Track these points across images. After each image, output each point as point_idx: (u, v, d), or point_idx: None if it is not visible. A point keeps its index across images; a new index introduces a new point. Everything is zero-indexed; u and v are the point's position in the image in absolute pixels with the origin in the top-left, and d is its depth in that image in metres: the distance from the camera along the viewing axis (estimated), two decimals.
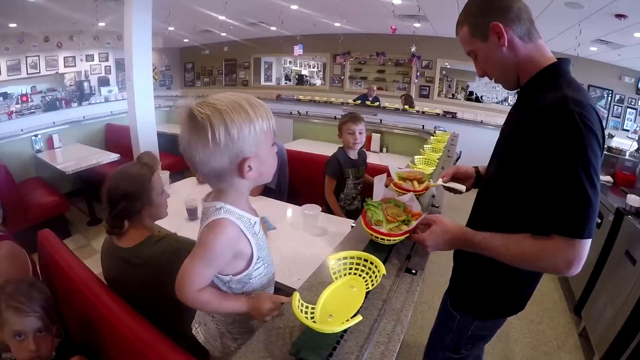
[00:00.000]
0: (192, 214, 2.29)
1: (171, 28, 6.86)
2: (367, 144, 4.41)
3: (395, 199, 1.43)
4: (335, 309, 0.92)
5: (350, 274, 1.06)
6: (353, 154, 2.69)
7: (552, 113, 0.95)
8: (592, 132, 0.91)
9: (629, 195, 2.56)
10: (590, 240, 0.93)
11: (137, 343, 1.12)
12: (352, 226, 1.61)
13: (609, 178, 3.32)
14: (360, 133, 2.62)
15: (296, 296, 0.87)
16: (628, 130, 6.93)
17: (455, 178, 1.53)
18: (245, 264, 1.03)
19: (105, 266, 1.57)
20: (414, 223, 1.25)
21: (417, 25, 6.31)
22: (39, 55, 6.20)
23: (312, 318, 0.87)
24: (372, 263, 1.04)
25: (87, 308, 1.35)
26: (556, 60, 1.11)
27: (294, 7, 5.87)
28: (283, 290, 1.61)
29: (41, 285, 1.36)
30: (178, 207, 2.42)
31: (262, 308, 1.00)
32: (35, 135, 4.78)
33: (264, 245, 1.08)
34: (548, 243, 0.95)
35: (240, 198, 1.01)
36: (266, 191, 2.76)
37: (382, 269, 0.99)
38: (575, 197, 0.91)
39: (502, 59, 1.11)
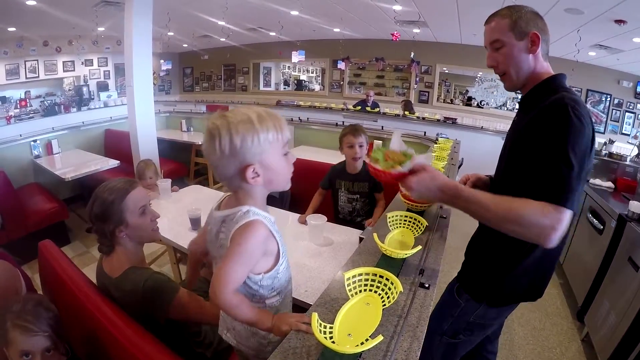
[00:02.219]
0: (195, 224, 2.25)
1: (170, 33, 6.85)
2: (369, 151, 4.36)
3: (407, 151, 1.29)
4: (352, 327, 0.91)
5: (365, 290, 1.05)
6: (352, 168, 2.61)
7: (550, 107, 1.10)
8: (583, 123, 1.04)
9: (631, 202, 2.56)
10: (571, 214, 1.00)
11: (139, 355, 1.11)
12: (361, 238, 1.60)
13: (610, 184, 3.33)
14: (360, 146, 2.54)
15: (315, 317, 0.86)
16: (628, 135, 6.94)
17: (475, 186, 1.58)
18: (274, 260, 1.09)
19: (98, 285, 1.53)
20: (407, 164, 1.19)
21: (416, 31, 6.34)
22: (37, 60, 6.19)
23: (330, 337, 0.86)
24: (387, 279, 1.04)
25: (88, 321, 1.33)
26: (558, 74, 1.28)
27: (294, 12, 5.86)
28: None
29: (48, 303, 1.33)
30: (180, 216, 2.41)
31: (282, 328, 1.03)
32: (34, 141, 4.75)
33: (283, 241, 1.13)
34: (537, 203, 1.01)
35: (257, 201, 1.07)
36: (269, 199, 2.75)
37: (399, 286, 0.99)
38: (563, 170, 1.02)
39: (524, 61, 1.27)
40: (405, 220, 1.56)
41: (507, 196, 1.07)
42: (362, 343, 0.84)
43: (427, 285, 1.16)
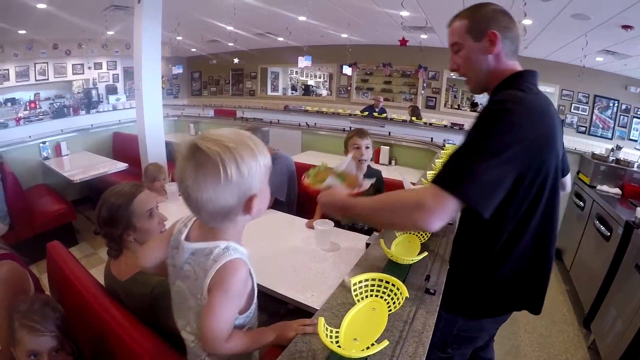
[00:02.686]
0: None
1: (179, 38, 6.90)
2: (376, 157, 4.39)
3: (339, 170, 1.52)
4: (359, 332, 0.92)
5: (371, 295, 1.06)
6: (358, 172, 2.50)
7: (486, 106, 1.07)
8: (510, 118, 0.99)
9: (638, 209, 2.55)
10: (458, 202, 0.95)
11: (145, 357, 1.12)
12: (368, 243, 1.61)
13: (617, 190, 3.31)
14: (367, 148, 2.56)
15: (321, 321, 0.87)
16: (635, 141, 6.89)
17: None
18: (249, 299, 1.02)
19: (106, 287, 1.54)
20: (326, 182, 1.38)
21: (423, 36, 6.34)
22: (47, 62, 6.25)
23: (336, 342, 0.87)
24: (393, 285, 1.05)
25: (95, 321, 1.34)
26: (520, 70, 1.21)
27: (302, 18, 5.89)
28: (285, 303, 1.61)
29: (55, 304, 1.34)
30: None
31: (288, 336, 1.00)
32: (43, 142, 4.81)
33: None
34: (420, 188, 1.04)
35: (238, 235, 1.00)
36: (276, 204, 2.77)
37: (405, 292, 1.00)
38: (463, 158, 0.99)
39: (482, 62, 1.22)
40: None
41: (384, 194, 1.12)
42: (367, 348, 0.85)
43: (432, 292, 1.17)
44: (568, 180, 1.52)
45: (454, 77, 8.53)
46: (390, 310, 1.01)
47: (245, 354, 1.10)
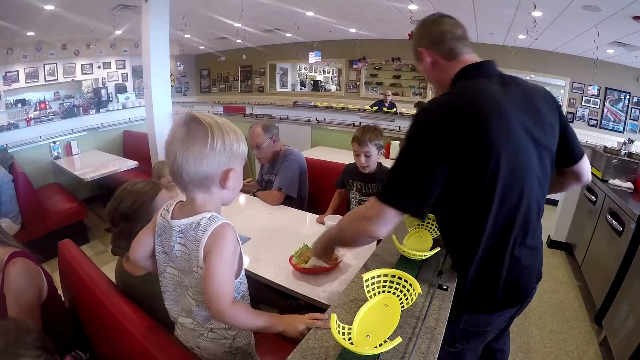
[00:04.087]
0: None
1: (187, 35, 6.91)
2: (387, 152, 4.35)
3: None
4: (371, 329, 0.92)
5: (383, 291, 1.06)
6: (366, 168, 2.49)
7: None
8: (424, 129, 1.07)
9: None
10: (395, 211, 1.08)
11: (158, 354, 1.11)
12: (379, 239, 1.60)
13: (629, 185, 3.26)
14: (367, 156, 2.41)
15: (334, 318, 0.87)
16: None
17: None
18: (240, 262, 1.11)
19: (118, 284, 1.56)
20: (309, 262, 1.71)
21: None
22: (56, 63, 6.29)
23: (349, 339, 0.87)
24: (406, 281, 1.04)
25: (107, 318, 1.35)
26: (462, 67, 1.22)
27: (310, 13, 5.88)
28: (296, 298, 1.61)
29: (25, 324, 1.29)
30: None
31: (298, 328, 1.06)
32: (54, 142, 4.87)
33: None
34: (367, 202, 1.16)
35: (218, 209, 1.07)
36: (287, 200, 2.77)
37: (418, 288, 0.99)
38: (393, 172, 1.10)
39: (431, 74, 1.31)
40: (424, 222, 1.56)
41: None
42: (380, 345, 0.84)
43: (445, 287, 1.16)
44: (584, 167, 1.39)
45: None
46: (403, 306, 1.00)
47: (244, 336, 1.20)
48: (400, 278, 1.05)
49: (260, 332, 1.32)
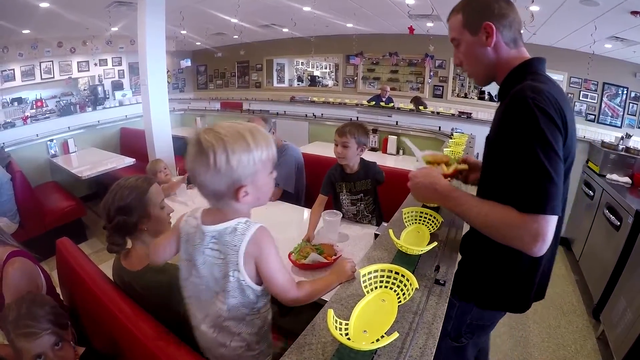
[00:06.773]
0: None
1: (183, 31, 6.88)
2: (384, 147, 4.37)
3: (316, 245, 1.89)
4: (368, 324, 0.92)
5: (380, 287, 1.05)
6: (349, 167, 2.40)
7: (511, 101, 1.02)
8: (546, 114, 0.96)
9: None
10: (555, 217, 0.96)
11: (157, 351, 1.11)
12: (376, 234, 1.60)
13: (627, 179, 3.27)
14: (344, 147, 2.30)
15: (330, 313, 0.86)
16: None
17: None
18: None
19: (115, 281, 1.54)
20: (309, 258, 1.72)
21: (430, 24, 6.28)
22: (52, 61, 6.28)
23: (346, 334, 0.87)
24: (403, 276, 1.04)
25: (106, 316, 1.35)
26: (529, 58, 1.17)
27: (307, 8, 5.86)
28: None
29: (41, 298, 1.34)
30: None
31: (347, 270, 1.22)
32: (51, 140, 4.85)
33: None
34: (516, 215, 0.97)
35: (247, 214, 1.09)
36: (284, 196, 2.77)
37: (415, 283, 0.99)
38: (536, 174, 0.95)
39: (482, 55, 1.19)
40: (421, 217, 1.56)
41: (492, 202, 1.06)
42: (377, 340, 0.84)
43: (442, 282, 1.16)
44: None
45: None
46: (400, 301, 1.00)
47: (263, 334, 1.18)
48: (397, 273, 1.05)
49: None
